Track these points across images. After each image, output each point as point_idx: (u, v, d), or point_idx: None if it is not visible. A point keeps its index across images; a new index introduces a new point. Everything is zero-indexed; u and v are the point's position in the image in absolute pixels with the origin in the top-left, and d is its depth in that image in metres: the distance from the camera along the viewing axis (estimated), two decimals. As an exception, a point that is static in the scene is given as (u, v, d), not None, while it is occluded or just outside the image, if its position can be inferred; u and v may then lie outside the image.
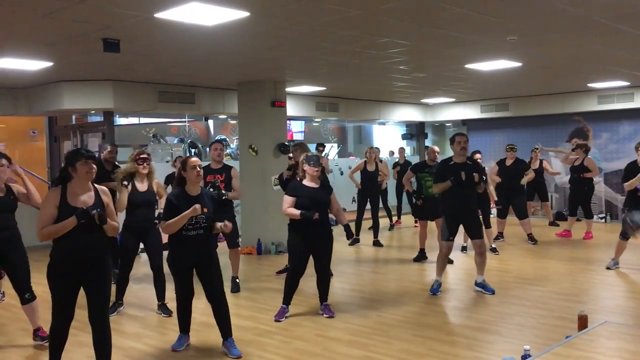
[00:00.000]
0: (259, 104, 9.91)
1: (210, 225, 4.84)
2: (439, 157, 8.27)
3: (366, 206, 10.26)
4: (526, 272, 7.91)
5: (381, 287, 7.32)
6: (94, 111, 10.47)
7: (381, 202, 11.06)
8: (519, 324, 5.60)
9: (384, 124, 16.50)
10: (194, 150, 13.50)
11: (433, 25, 6.05)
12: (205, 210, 4.74)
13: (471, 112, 14.45)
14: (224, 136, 14.77)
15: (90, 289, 4.09)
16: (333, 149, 16.94)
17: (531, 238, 9.99)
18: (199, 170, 4.82)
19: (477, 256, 6.77)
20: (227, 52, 7.29)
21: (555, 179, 13.34)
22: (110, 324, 4.21)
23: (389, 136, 17.46)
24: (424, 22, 5.90)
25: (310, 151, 6.85)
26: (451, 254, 8.10)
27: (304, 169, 5.76)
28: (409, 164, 11.31)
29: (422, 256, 8.80)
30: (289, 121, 12.64)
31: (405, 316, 5.90)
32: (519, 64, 8.48)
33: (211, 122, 14.71)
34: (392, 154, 15.72)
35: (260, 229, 9.83)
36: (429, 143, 16.30)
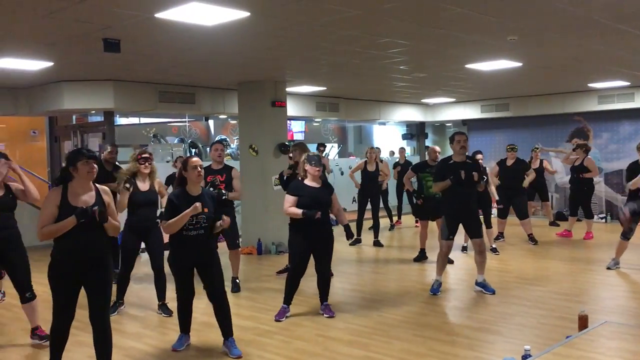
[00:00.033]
0: (259, 104, 9.91)
1: (211, 225, 4.84)
2: (440, 157, 8.26)
3: (367, 206, 10.26)
4: (527, 272, 7.91)
5: (381, 287, 7.32)
6: (94, 111, 10.47)
7: (382, 202, 11.06)
8: (520, 324, 5.60)
9: (384, 124, 16.50)
10: (194, 150, 13.50)
11: (433, 25, 6.05)
12: (206, 210, 4.74)
13: (471, 112, 14.44)
14: (224, 136, 14.78)
15: (91, 288, 4.09)
16: (333, 149, 16.94)
17: (532, 238, 9.98)
18: (199, 170, 4.82)
19: (476, 255, 6.77)
20: (227, 52, 7.29)
21: (555, 179, 13.34)
22: (110, 323, 4.21)
23: (389, 136, 17.47)
24: (424, 22, 5.90)
25: (310, 151, 6.85)
26: (452, 254, 8.12)
27: (305, 168, 5.76)
28: (409, 164, 11.31)
29: (422, 256, 8.80)
30: (289, 121, 12.64)
31: (406, 316, 5.90)
32: (519, 64, 8.48)
33: (211, 122, 14.72)
34: (393, 154, 15.72)
35: (260, 229, 9.83)
36: (429, 143, 16.30)
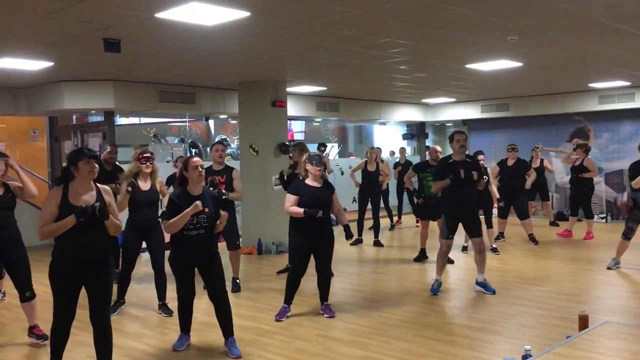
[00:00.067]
0: (259, 104, 9.91)
1: (212, 225, 4.84)
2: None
3: (367, 206, 10.26)
4: (527, 272, 7.91)
5: (382, 287, 7.32)
6: (94, 111, 10.47)
7: (382, 202, 11.05)
8: (520, 324, 5.60)
9: (384, 124, 16.50)
10: (194, 150, 13.51)
11: (434, 25, 6.05)
12: (207, 210, 4.74)
13: (472, 112, 14.44)
14: (224, 136, 14.78)
15: (92, 288, 4.09)
16: (333, 149, 16.94)
17: (532, 239, 9.97)
18: (200, 170, 4.82)
19: (476, 255, 6.77)
20: (227, 52, 7.29)
21: (555, 178, 13.34)
22: (111, 323, 4.21)
23: (389, 136, 17.46)
24: (424, 22, 5.90)
25: (309, 150, 6.86)
26: (452, 254, 8.13)
27: (306, 168, 5.77)
28: (410, 164, 11.31)
29: (422, 256, 8.80)
30: (289, 121, 12.64)
31: (406, 316, 5.90)
32: (519, 63, 8.47)
33: (212, 122, 14.71)
34: (393, 153, 15.72)
35: (260, 229, 9.83)
36: (429, 143, 16.31)
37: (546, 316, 5.79)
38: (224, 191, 6.44)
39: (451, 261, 8.30)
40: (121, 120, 12.77)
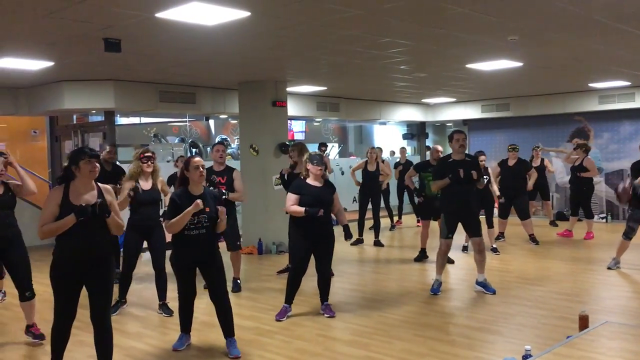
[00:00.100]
0: (260, 104, 9.91)
1: (213, 225, 4.85)
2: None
3: (368, 206, 10.25)
4: (527, 272, 7.91)
5: (382, 287, 7.32)
6: (94, 111, 10.47)
7: (383, 201, 11.05)
8: (520, 324, 5.60)
9: (384, 123, 16.50)
10: (195, 150, 13.51)
11: (434, 25, 6.05)
12: (208, 209, 4.74)
13: (472, 112, 14.44)
14: (224, 136, 14.77)
15: (93, 288, 4.09)
16: (334, 149, 16.94)
17: (533, 239, 9.97)
18: (201, 170, 4.82)
19: (476, 254, 6.77)
20: (228, 52, 7.29)
21: (556, 178, 13.34)
22: (111, 323, 4.21)
23: (389, 136, 17.46)
24: (425, 22, 5.90)
25: (308, 150, 6.87)
26: (452, 254, 8.13)
27: (307, 167, 5.77)
28: (410, 163, 11.32)
29: (423, 256, 8.80)
30: (289, 121, 12.64)
31: (406, 316, 5.90)
32: (519, 63, 8.47)
33: (212, 122, 14.71)
34: (393, 153, 15.72)
35: (261, 228, 9.83)
36: (429, 143, 16.31)
37: (546, 316, 5.79)
38: (224, 191, 6.45)
39: (451, 261, 8.30)
40: (121, 120, 12.77)
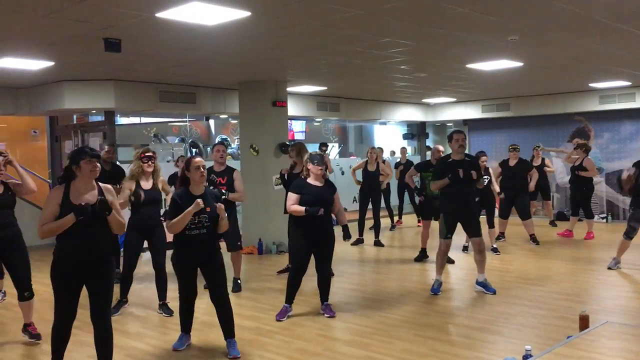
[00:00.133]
0: (260, 104, 9.91)
1: (214, 225, 4.84)
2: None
3: (368, 206, 10.25)
4: (527, 272, 7.90)
5: (382, 287, 7.32)
6: (95, 111, 10.47)
7: (384, 201, 11.04)
8: (520, 324, 5.60)
9: (385, 123, 16.50)
10: (195, 150, 13.51)
11: (434, 25, 6.05)
12: (208, 209, 4.74)
13: (472, 112, 14.44)
14: (225, 136, 14.77)
15: (93, 288, 4.09)
16: (334, 149, 16.94)
17: (533, 239, 9.95)
18: (202, 171, 4.83)
19: (476, 254, 6.77)
20: (228, 51, 7.29)
21: (556, 178, 13.34)
22: (111, 323, 4.21)
23: (390, 136, 17.46)
24: (425, 22, 5.90)
25: (307, 150, 6.87)
26: (452, 254, 8.13)
27: (308, 167, 5.78)
28: (411, 163, 11.32)
29: (423, 256, 8.80)
30: (290, 121, 12.64)
31: (407, 316, 5.90)
32: (520, 63, 8.47)
33: (212, 122, 14.71)
34: (393, 153, 15.71)
35: (261, 228, 9.83)
36: (430, 143, 16.31)
37: (547, 316, 5.79)
38: (223, 191, 6.45)
39: (452, 261, 8.30)
40: (122, 120, 12.77)
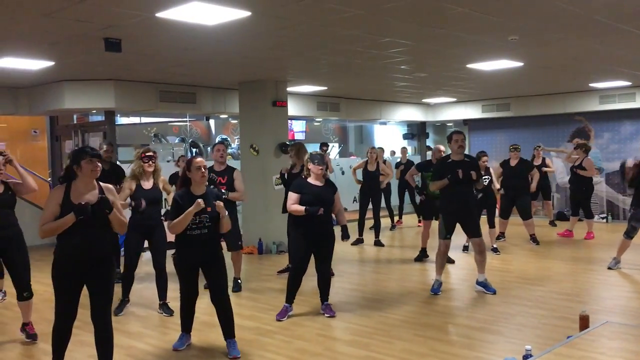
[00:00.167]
0: (260, 104, 9.92)
1: (215, 225, 4.85)
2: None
3: (368, 206, 10.25)
4: (528, 272, 7.90)
5: (382, 287, 7.32)
6: (95, 111, 10.48)
7: (384, 201, 11.04)
8: (521, 324, 5.60)
9: (385, 123, 16.50)
10: (195, 150, 13.51)
11: (434, 25, 6.05)
12: (209, 209, 4.74)
13: (472, 112, 14.44)
14: (225, 136, 14.78)
15: (94, 288, 4.08)
16: (334, 148, 16.94)
17: (534, 239, 9.95)
18: (203, 171, 4.83)
19: (476, 255, 6.77)
20: (228, 51, 7.29)
21: (556, 178, 13.34)
22: (112, 323, 4.21)
23: (390, 136, 17.47)
24: (425, 22, 5.90)
25: (307, 150, 6.87)
26: (453, 254, 8.13)
27: (308, 167, 5.78)
28: (411, 163, 11.33)
29: (423, 255, 8.80)
30: (290, 121, 12.64)
31: (407, 316, 5.90)
32: (520, 63, 8.48)
33: (212, 122, 14.72)
34: (394, 153, 15.71)
35: (261, 228, 9.83)
36: (430, 143, 16.31)
37: (547, 316, 5.79)
38: (223, 191, 6.45)
39: (452, 261, 8.31)
40: (122, 120, 12.78)
